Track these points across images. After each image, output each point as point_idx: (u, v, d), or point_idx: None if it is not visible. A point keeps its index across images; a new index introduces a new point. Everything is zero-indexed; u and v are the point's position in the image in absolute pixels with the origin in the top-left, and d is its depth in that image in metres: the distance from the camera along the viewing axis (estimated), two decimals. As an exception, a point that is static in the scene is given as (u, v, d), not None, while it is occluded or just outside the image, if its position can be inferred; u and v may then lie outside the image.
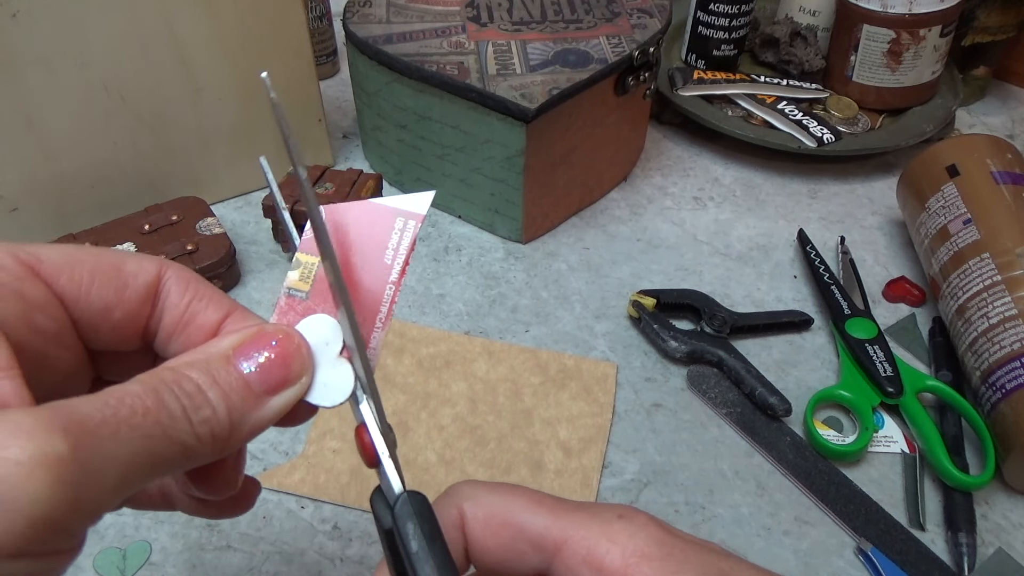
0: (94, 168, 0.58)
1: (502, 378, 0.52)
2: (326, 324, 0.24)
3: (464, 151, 0.59)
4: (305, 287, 0.25)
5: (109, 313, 0.23)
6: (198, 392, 0.20)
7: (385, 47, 0.59)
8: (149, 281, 0.23)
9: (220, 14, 0.56)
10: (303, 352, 0.23)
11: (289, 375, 0.22)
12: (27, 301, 0.21)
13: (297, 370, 0.22)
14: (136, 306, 0.23)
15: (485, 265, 0.60)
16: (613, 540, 0.22)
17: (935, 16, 0.66)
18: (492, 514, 0.23)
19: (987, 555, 0.44)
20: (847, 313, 0.54)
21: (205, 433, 0.20)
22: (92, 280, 0.22)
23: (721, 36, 0.74)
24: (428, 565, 0.21)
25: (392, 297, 0.25)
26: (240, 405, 0.21)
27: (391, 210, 0.26)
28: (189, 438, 0.20)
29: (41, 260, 0.22)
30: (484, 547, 0.23)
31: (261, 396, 0.22)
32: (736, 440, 0.49)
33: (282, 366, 0.22)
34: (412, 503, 0.22)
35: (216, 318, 0.24)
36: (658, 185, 0.69)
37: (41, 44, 0.51)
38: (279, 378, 0.22)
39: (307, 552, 0.43)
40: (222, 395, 0.21)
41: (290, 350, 0.22)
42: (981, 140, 0.58)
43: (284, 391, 0.22)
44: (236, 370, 0.21)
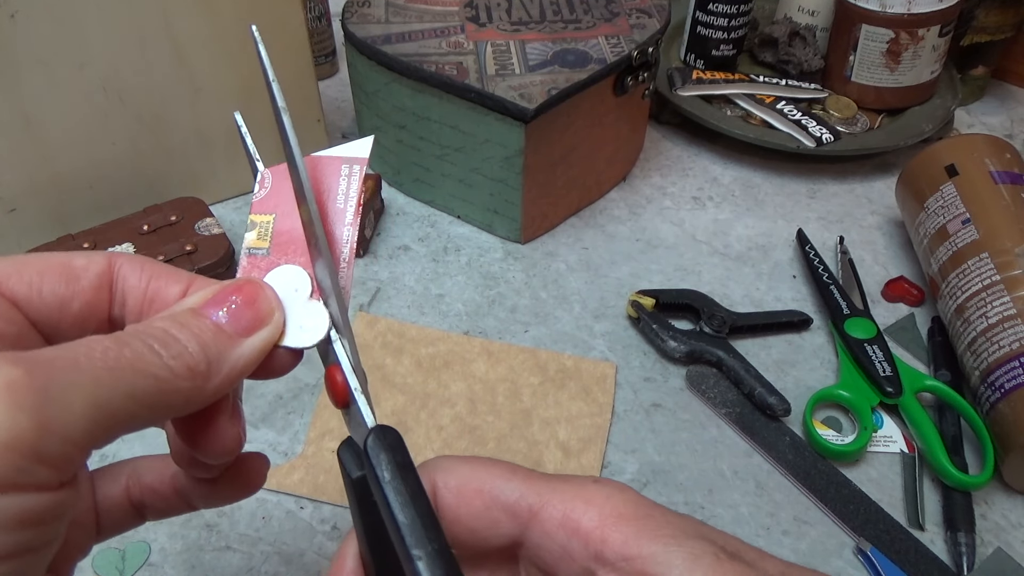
0: (93, 168, 0.58)
1: (501, 378, 0.52)
2: (292, 272, 0.24)
3: (463, 151, 0.59)
4: (264, 244, 0.25)
5: (66, 306, 0.23)
6: (165, 334, 0.20)
7: (384, 47, 0.59)
8: (100, 270, 0.24)
9: (219, 14, 0.56)
10: (268, 294, 0.23)
11: (259, 315, 0.22)
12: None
13: (266, 309, 0.23)
14: (91, 294, 0.23)
15: (484, 265, 0.60)
16: (589, 502, 0.22)
17: (934, 16, 0.66)
18: (464, 483, 0.23)
19: (986, 555, 0.44)
20: (846, 313, 0.54)
21: (180, 366, 0.20)
22: (42, 279, 0.23)
23: (720, 36, 0.74)
24: (402, 492, 0.20)
25: (352, 237, 0.25)
26: (214, 344, 0.21)
27: (334, 160, 0.26)
28: (161, 370, 0.20)
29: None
30: (456, 516, 0.22)
31: (234, 337, 0.22)
32: (735, 440, 0.49)
33: (250, 306, 0.22)
34: (386, 436, 0.21)
35: (178, 290, 0.24)
36: (657, 185, 0.69)
37: (40, 44, 0.51)
38: (249, 318, 0.22)
39: (306, 552, 0.43)
40: (192, 335, 0.21)
41: (255, 293, 0.23)
42: (980, 140, 0.58)
43: (258, 331, 0.22)
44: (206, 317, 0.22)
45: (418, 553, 0.19)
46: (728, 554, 0.21)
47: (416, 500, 0.20)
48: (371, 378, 0.51)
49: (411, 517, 0.20)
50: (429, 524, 0.20)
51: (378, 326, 0.55)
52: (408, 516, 0.20)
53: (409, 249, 0.62)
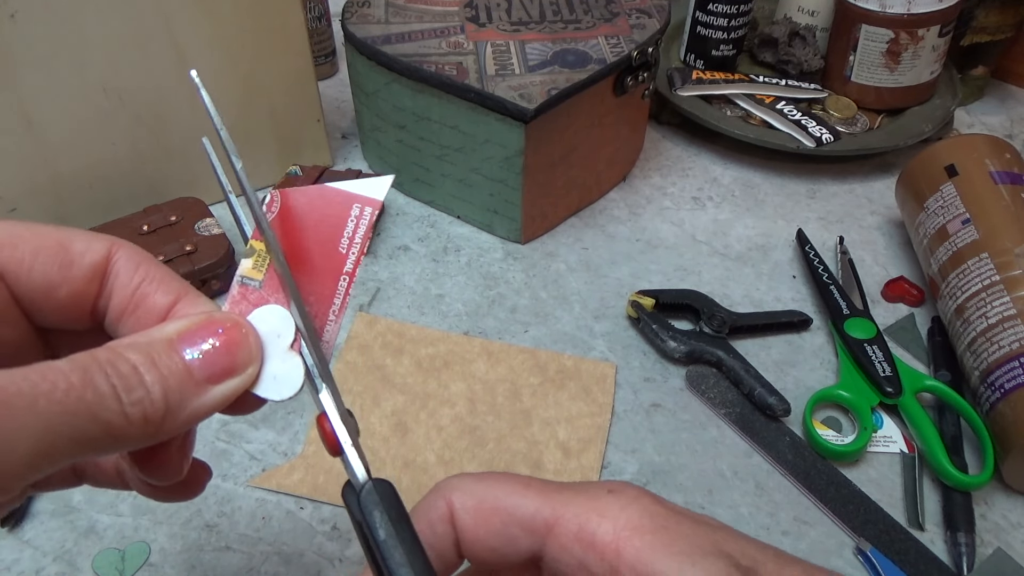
0: (93, 169, 0.58)
1: (501, 378, 0.52)
2: (278, 315, 0.23)
3: (463, 151, 0.59)
4: (259, 276, 0.24)
5: (53, 291, 0.22)
6: (133, 373, 0.20)
7: (384, 47, 0.59)
8: (96, 261, 0.23)
9: (219, 15, 0.56)
10: (251, 342, 0.22)
11: (234, 364, 0.21)
12: None
13: (243, 360, 0.22)
14: (82, 285, 0.23)
15: (484, 265, 0.60)
16: (603, 514, 0.21)
17: (933, 16, 0.66)
18: (481, 502, 0.23)
19: (986, 555, 0.44)
20: (846, 313, 0.54)
21: (136, 414, 0.20)
22: (35, 257, 0.22)
23: (720, 36, 0.74)
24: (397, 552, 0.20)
25: (346, 289, 0.24)
26: (178, 389, 0.20)
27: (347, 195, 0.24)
28: (117, 417, 0.19)
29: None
30: (475, 536, 0.23)
31: (202, 384, 0.21)
32: (735, 440, 0.49)
33: (227, 355, 0.21)
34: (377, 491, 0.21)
35: (166, 302, 0.23)
36: (657, 185, 0.69)
37: (40, 45, 0.51)
38: (223, 367, 0.21)
39: (306, 553, 0.43)
40: (159, 378, 0.20)
41: (237, 339, 0.22)
42: (980, 140, 0.58)
43: (228, 380, 0.21)
44: (178, 355, 0.21)
45: None
46: (743, 570, 0.21)
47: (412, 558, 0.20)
48: (371, 378, 0.51)
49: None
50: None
51: (378, 326, 0.55)
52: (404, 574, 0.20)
53: (409, 249, 0.62)
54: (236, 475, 0.46)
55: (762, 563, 0.21)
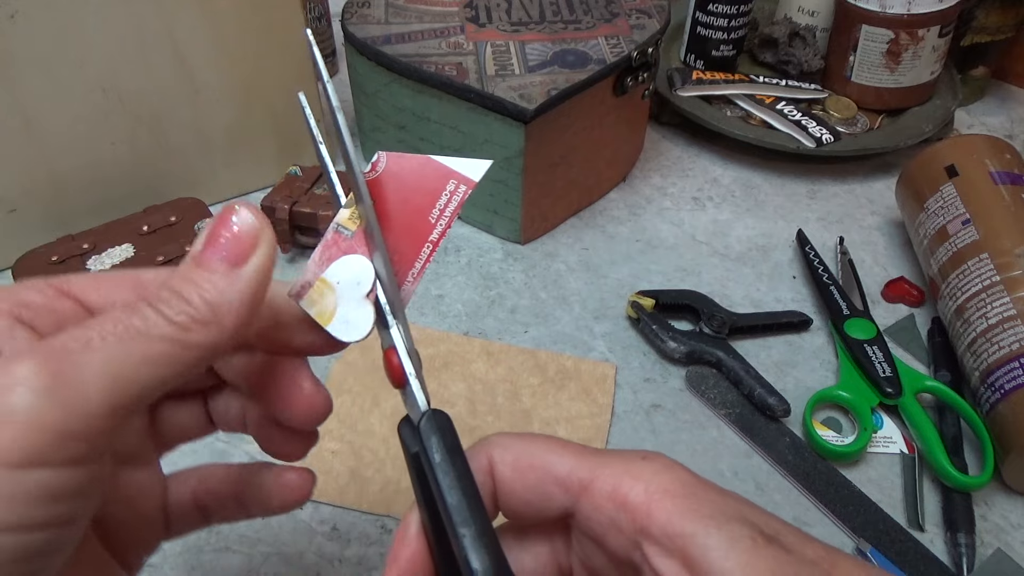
0: (92, 169, 0.58)
1: (501, 379, 0.52)
2: (361, 264, 0.25)
3: (463, 152, 0.59)
4: (352, 227, 0.26)
5: None
6: (171, 293, 0.21)
7: (384, 48, 0.59)
8: None
9: (219, 15, 0.56)
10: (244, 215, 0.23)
11: (243, 242, 0.22)
12: (59, 314, 0.23)
13: (248, 233, 0.22)
14: None
15: (484, 266, 0.60)
16: (637, 477, 0.22)
17: (934, 16, 0.66)
18: (519, 458, 0.24)
19: (986, 555, 0.44)
20: (846, 313, 0.54)
21: (186, 321, 0.21)
22: (116, 291, 0.25)
23: (720, 36, 0.74)
24: (449, 474, 0.22)
25: (428, 256, 0.25)
26: (212, 288, 0.22)
27: (447, 170, 0.26)
28: (170, 329, 0.21)
29: (71, 283, 0.24)
30: (512, 489, 0.24)
31: (228, 273, 0.22)
32: (735, 441, 0.49)
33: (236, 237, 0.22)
34: (436, 419, 0.23)
35: None
36: (657, 186, 0.69)
37: (39, 45, 0.51)
38: (236, 248, 0.22)
39: (306, 553, 0.43)
40: (193, 287, 0.22)
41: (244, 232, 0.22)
42: (980, 140, 0.58)
43: (251, 258, 0.22)
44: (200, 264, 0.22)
45: (463, 532, 0.21)
46: (766, 538, 0.21)
47: (462, 481, 0.22)
48: (371, 378, 0.51)
49: (458, 498, 0.22)
50: (474, 505, 0.22)
51: None
52: (455, 497, 0.22)
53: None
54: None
55: (784, 535, 0.22)
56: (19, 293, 0.23)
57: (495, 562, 0.21)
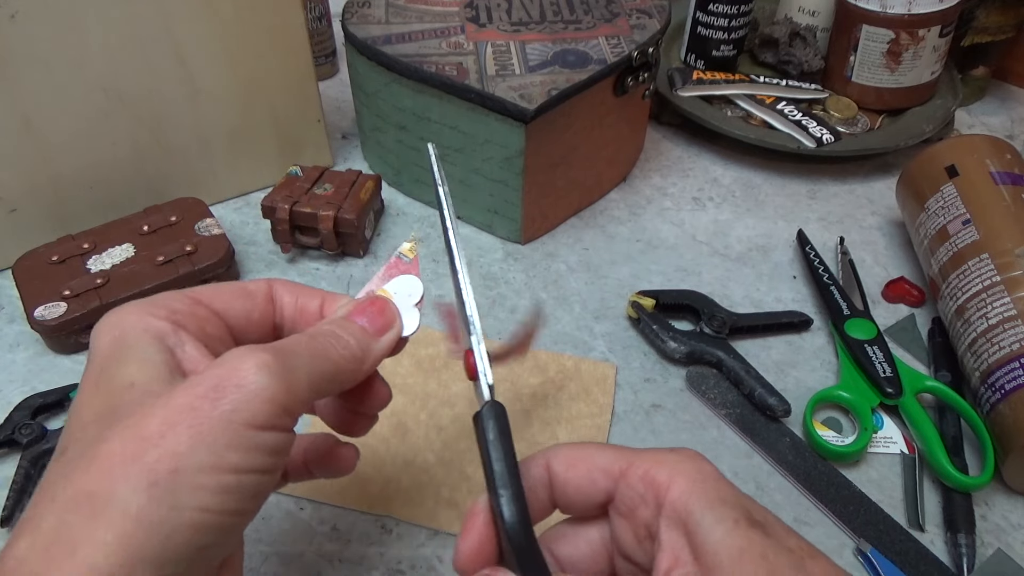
0: (93, 169, 0.58)
1: (501, 379, 0.52)
2: (412, 282, 0.35)
3: (463, 152, 0.59)
4: (411, 255, 0.36)
5: (250, 315, 0.33)
6: (335, 334, 0.31)
7: (384, 48, 0.59)
8: (265, 290, 0.33)
9: (219, 15, 0.56)
10: (392, 306, 0.33)
11: (388, 320, 0.33)
12: (200, 318, 0.31)
13: (391, 316, 0.33)
14: (264, 306, 0.33)
15: (484, 266, 0.60)
16: (663, 463, 0.28)
17: (934, 16, 0.66)
18: (571, 456, 0.30)
19: (986, 556, 0.44)
20: (846, 314, 0.54)
21: (348, 354, 0.30)
22: (233, 299, 0.32)
23: (720, 36, 0.74)
24: (498, 449, 0.28)
25: None
26: (364, 340, 0.31)
27: None
28: (340, 358, 0.30)
29: (200, 293, 0.32)
30: (565, 480, 0.29)
31: (375, 336, 0.32)
32: (735, 441, 0.49)
33: (381, 314, 0.33)
34: (494, 408, 0.30)
35: (316, 304, 0.34)
36: (657, 186, 0.69)
37: (40, 45, 0.51)
38: (383, 323, 0.32)
39: (306, 553, 0.43)
40: (350, 334, 0.31)
41: (384, 305, 0.33)
42: (980, 140, 0.58)
43: (388, 332, 0.32)
44: (354, 322, 0.32)
45: (502, 492, 0.27)
46: (751, 521, 0.26)
47: (507, 456, 0.28)
48: (371, 379, 0.51)
49: (501, 467, 0.28)
50: (513, 473, 0.28)
51: None
52: (500, 466, 0.28)
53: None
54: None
55: (771, 524, 0.26)
56: (167, 302, 0.30)
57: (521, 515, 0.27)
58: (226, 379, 0.26)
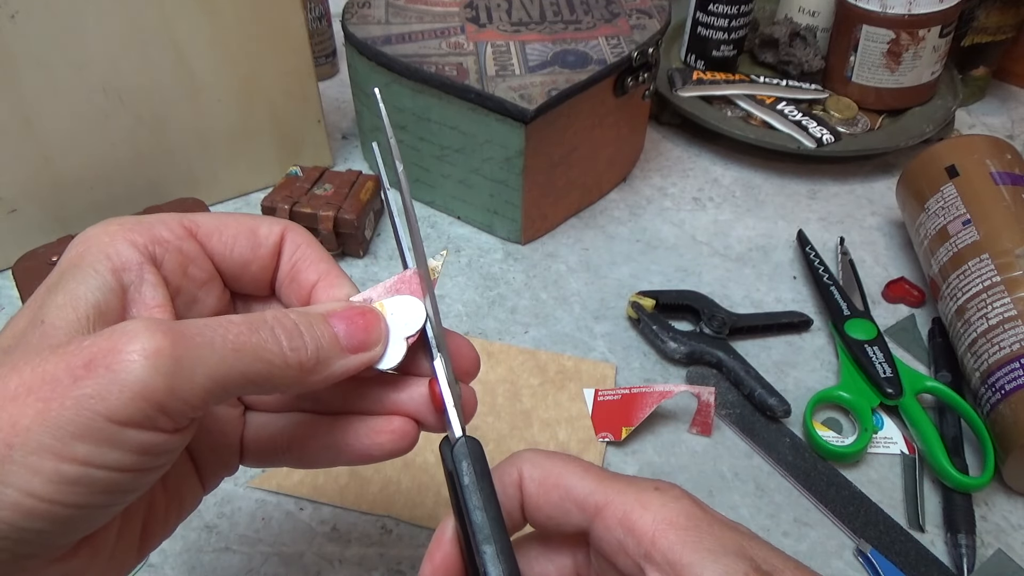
0: (93, 169, 0.58)
1: (501, 379, 0.52)
2: (414, 309, 0.29)
3: (463, 152, 0.59)
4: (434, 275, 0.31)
5: (248, 267, 0.29)
6: (295, 328, 0.25)
7: (384, 48, 0.59)
8: (276, 240, 0.29)
9: (219, 15, 0.56)
10: (381, 327, 0.28)
11: (368, 341, 0.27)
12: (184, 255, 0.27)
13: (375, 339, 0.27)
14: (267, 260, 0.29)
15: (484, 266, 0.60)
16: (646, 507, 0.25)
17: (934, 16, 0.66)
18: (546, 476, 0.27)
19: (986, 556, 0.44)
20: (846, 314, 0.54)
21: (293, 359, 0.25)
22: (235, 241, 0.28)
23: (720, 37, 0.74)
24: (475, 496, 0.25)
25: None
26: (328, 348, 0.26)
27: None
28: (277, 359, 0.24)
29: (199, 225, 0.28)
30: (537, 504, 0.27)
31: (345, 350, 0.26)
32: (735, 441, 0.49)
33: (365, 333, 0.27)
34: (468, 446, 0.26)
35: (312, 279, 0.29)
36: (657, 186, 0.69)
37: (40, 45, 0.51)
38: (361, 340, 0.27)
39: (306, 554, 0.43)
40: (314, 336, 0.25)
41: (374, 322, 0.27)
42: (980, 141, 0.58)
43: (362, 353, 0.27)
44: (330, 326, 0.26)
45: (485, 548, 0.24)
46: (761, 573, 0.23)
47: (488, 503, 0.25)
48: (371, 379, 0.51)
49: (482, 518, 0.25)
50: (496, 525, 0.25)
51: None
52: (480, 517, 0.25)
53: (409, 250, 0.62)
54: (236, 476, 0.46)
55: (780, 571, 0.24)
56: (154, 228, 0.27)
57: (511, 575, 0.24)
58: (100, 357, 0.22)
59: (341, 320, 0.27)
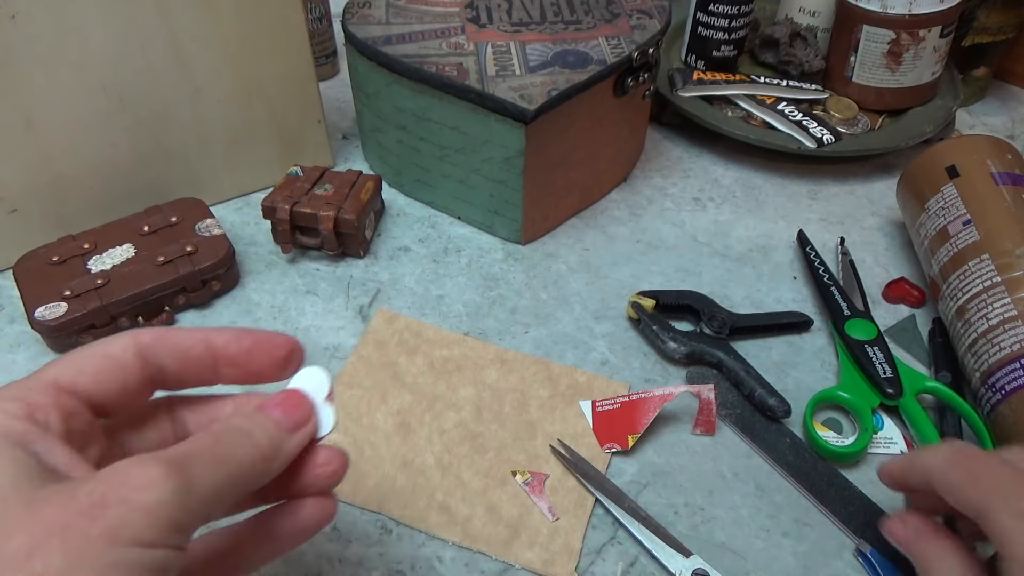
0: (93, 169, 0.58)
1: (511, 388, 0.51)
2: (317, 374, 0.33)
3: (463, 152, 0.59)
4: None
5: (125, 387, 0.29)
6: (246, 431, 0.28)
7: (384, 48, 0.59)
8: (132, 349, 0.30)
9: (219, 15, 0.56)
10: (308, 400, 0.32)
11: (304, 415, 0.31)
12: (65, 413, 0.27)
13: (308, 411, 0.31)
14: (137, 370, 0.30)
15: (484, 266, 0.60)
16: None
17: (935, 17, 0.66)
18: None
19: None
20: (847, 314, 0.54)
21: (258, 453, 0.28)
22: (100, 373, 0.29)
23: (721, 37, 0.74)
24: None
25: None
26: (277, 436, 0.29)
27: None
28: (246, 457, 0.28)
29: (61, 376, 0.28)
30: None
31: (289, 431, 0.30)
32: (735, 441, 0.49)
33: (298, 409, 0.31)
34: None
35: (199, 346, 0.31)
36: (658, 186, 0.69)
37: (40, 45, 0.51)
38: (298, 418, 0.31)
39: (306, 553, 0.43)
40: (263, 431, 0.29)
41: (300, 400, 0.32)
42: (981, 141, 0.58)
43: (304, 428, 0.31)
44: (270, 416, 0.30)
45: None
46: None
47: None
48: (383, 375, 0.51)
49: None
50: None
51: (397, 323, 0.55)
52: None
53: (409, 250, 0.62)
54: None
55: None
56: (27, 395, 0.27)
57: None
58: (112, 492, 0.23)
59: (275, 407, 0.30)
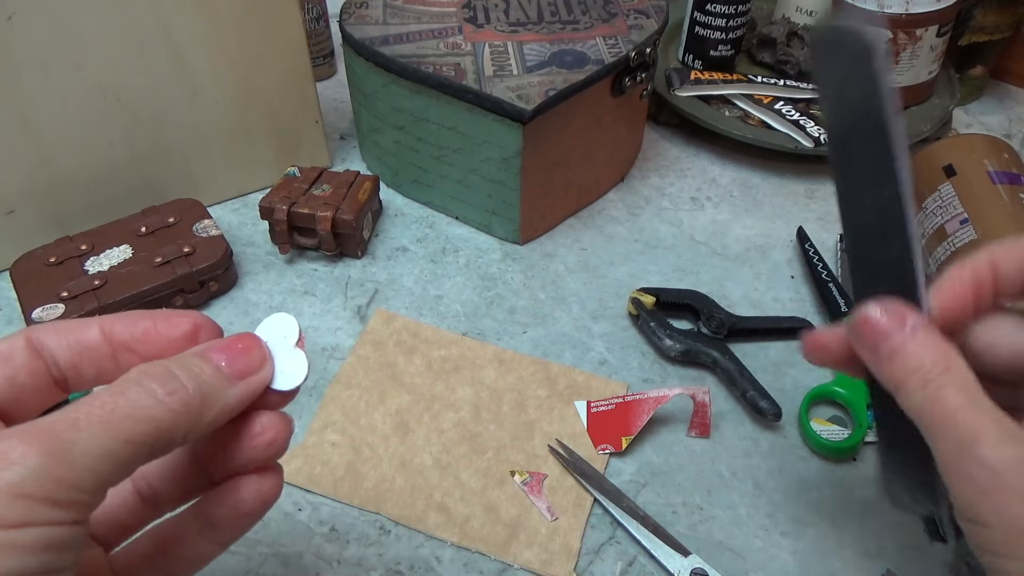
0: (91, 170, 0.58)
1: (509, 388, 0.51)
2: (284, 320, 0.29)
3: (461, 152, 0.59)
4: None
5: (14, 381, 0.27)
6: (165, 373, 0.25)
7: (382, 48, 0.59)
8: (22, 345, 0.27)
9: (217, 15, 0.56)
10: (262, 347, 0.28)
11: (252, 363, 0.27)
12: None
13: (258, 359, 0.27)
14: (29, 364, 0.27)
15: (482, 266, 0.60)
16: None
17: (932, 16, 0.67)
18: None
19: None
20: (844, 311, 0.54)
21: (176, 403, 0.24)
22: None
23: (718, 36, 0.74)
24: None
25: None
26: (212, 383, 0.25)
27: None
28: (158, 410, 0.24)
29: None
30: None
31: (231, 379, 0.26)
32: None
33: (246, 354, 0.27)
34: None
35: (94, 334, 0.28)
36: (655, 186, 0.69)
37: (37, 46, 0.51)
38: (244, 364, 0.27)
39: (304, 554, 0.43)
40: (191, 375, 0.25)
41: (251, 344, 0.27)
42: (978, 140, 0.58)
43: (252, 376, 0.27)
44: (209, 360, 0.26)
45: None
46: None
47: None
48: (381, 375, 0.51)
49: None
50: None
51: (395, 323, 0.55)
52: None
53: (407, 250, 0.62)
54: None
55: None
56: None
57: None
58: None
59: (220, 351, 0.27)
